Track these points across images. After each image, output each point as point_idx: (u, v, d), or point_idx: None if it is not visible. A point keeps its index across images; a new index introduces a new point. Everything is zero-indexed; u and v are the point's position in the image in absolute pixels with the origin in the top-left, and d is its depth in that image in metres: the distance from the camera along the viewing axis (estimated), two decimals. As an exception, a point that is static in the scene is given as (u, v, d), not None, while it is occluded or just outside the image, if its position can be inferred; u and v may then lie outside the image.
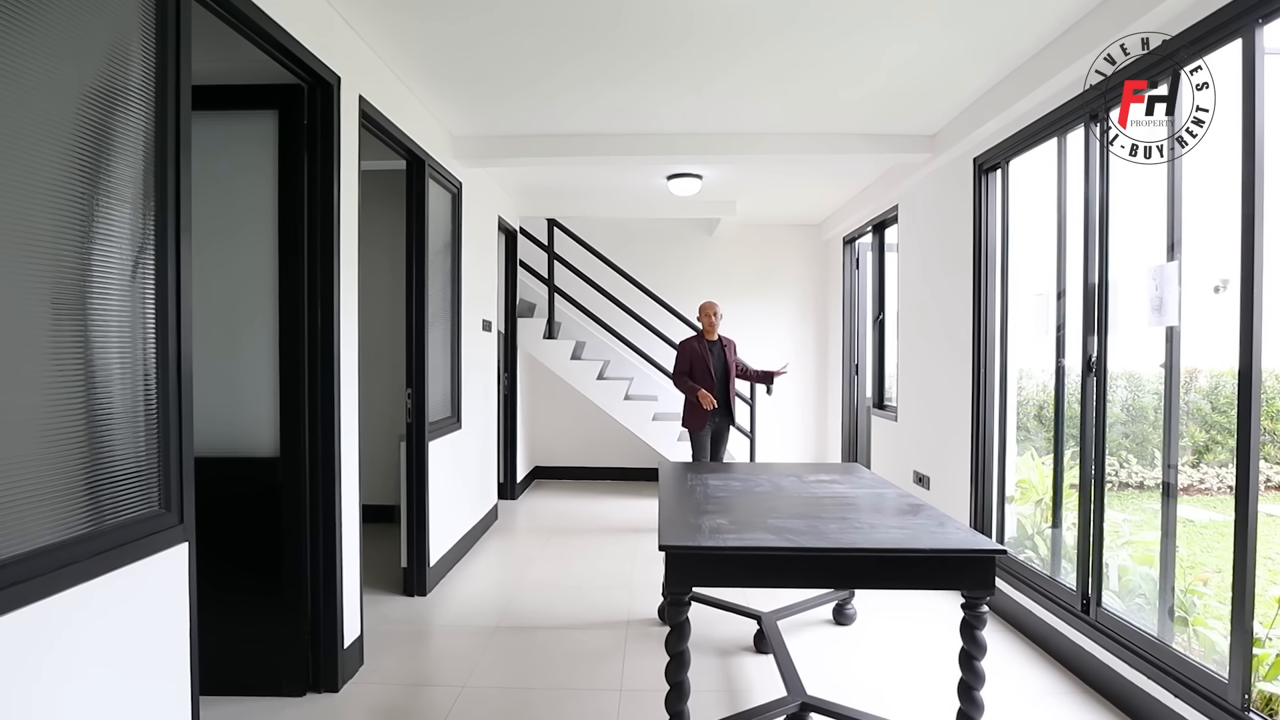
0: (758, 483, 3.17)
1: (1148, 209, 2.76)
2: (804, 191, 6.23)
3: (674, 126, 4.37)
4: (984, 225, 3.98)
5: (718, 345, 5.20)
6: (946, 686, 2.82)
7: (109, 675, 1.69)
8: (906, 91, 3.73)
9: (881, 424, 5.88)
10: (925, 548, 2.14)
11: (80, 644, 1.60)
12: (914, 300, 5.04)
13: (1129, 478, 4.68)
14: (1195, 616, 2.86)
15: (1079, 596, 3.08)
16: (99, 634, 1.65)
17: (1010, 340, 3.90)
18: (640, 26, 3.03)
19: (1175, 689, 2.46)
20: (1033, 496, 4.06)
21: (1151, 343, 2.76)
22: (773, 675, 3.04)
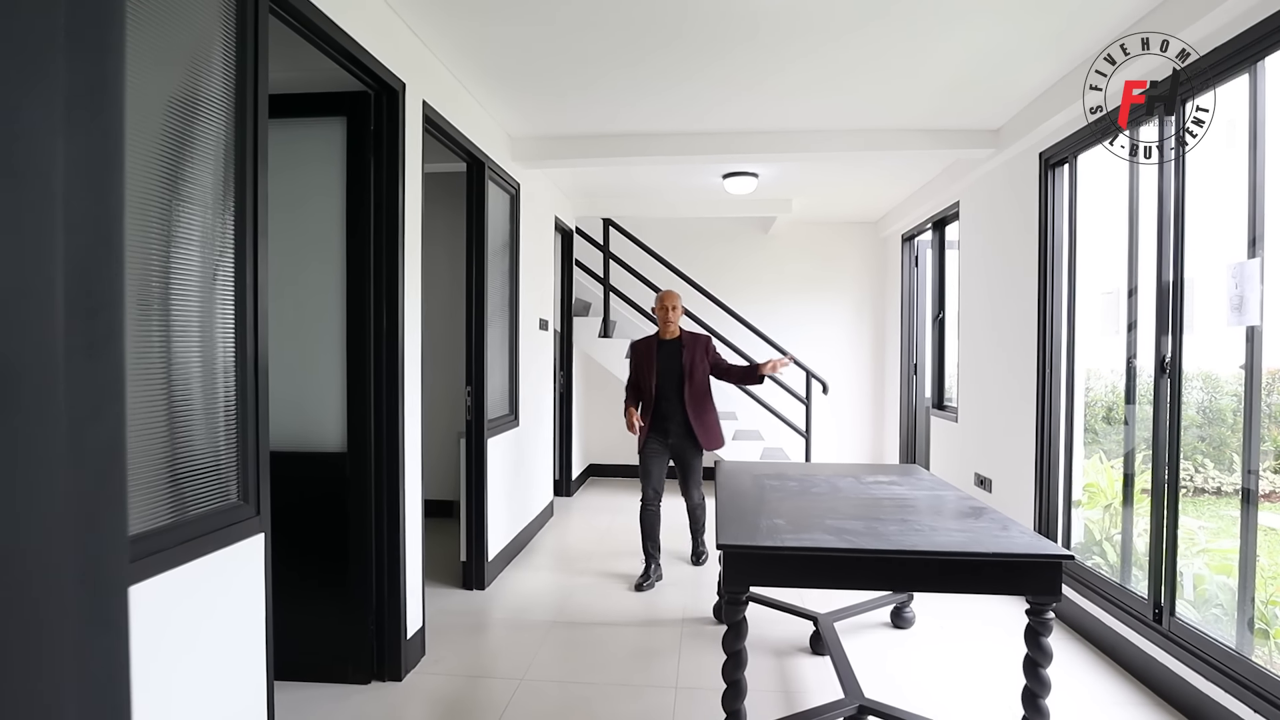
0: (815, 483, 3.15)
1: (1228, 203, 2.66)
2: (862, 189, 6.14)
3: (730, 125, 4.38)
4: (1050, 221, 3.87)
5: (674, 346, 4.22)
6: (1009, 694, 2.77)
7: (191, 659, 1.80)
8: (968, 86, 3.66)
9: (941, 425, 5.76)
10: (988, 551, 2.11)
11: (167, 629, 1.71)
12: (976, 298, 4.93)
13: (1205, 483, 4.47)
14: (1277, 629, 2.73)
15: (1150, 605, 2.98)
16: (182, 619, 1.76)
17: (1077, 339, 3.79)
18: (703, 29, 3.06)
19: (1254, 703, 2.37)
20: (1101, 501, 3.93)
21: (1230, 343, 2.66)
22: (829, 677, 3.03)
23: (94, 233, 0.38)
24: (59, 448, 0.36)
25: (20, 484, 0.35)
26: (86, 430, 0.38)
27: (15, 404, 0.34)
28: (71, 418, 0.37)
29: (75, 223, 0.37)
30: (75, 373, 0.37)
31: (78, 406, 0.37)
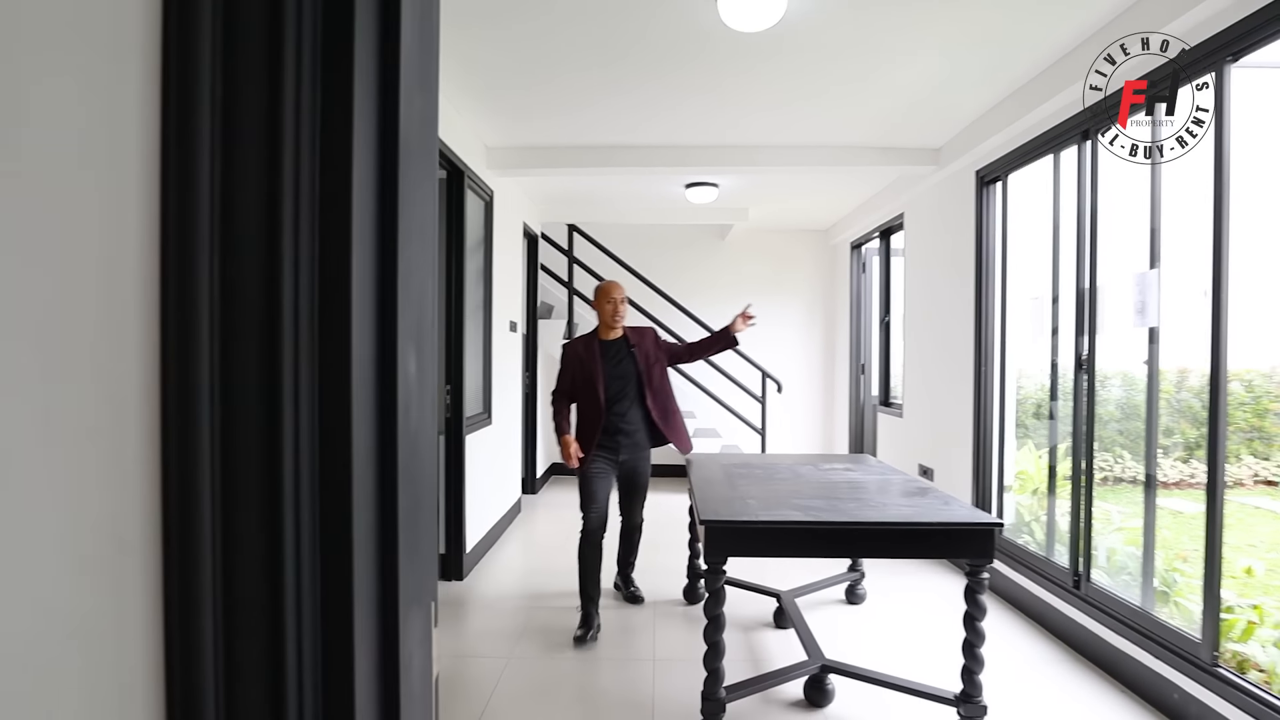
0: (778, 470, 3.46)
1: (1133, 221, 3.06)
2: (814, 199, 6.53)
3: (694, 139, 4.68)
4: (985, 233, 4.28)
5: (620, 345, 3.56)
6: (950, 651, 3.12)
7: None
8: (914, 109, 4.03)
9: (887, 420, 6.18)
10: (933, 521, 2.44)
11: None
12: (920, 303, 5.34)
13: (1123, 473, 4.97)
14: (1176, 590, 3.15)
15: (1070, 574, 3.38)
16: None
17: (1009, 341, 4.20)
18: (674, 56, 3.34)
19: (1156, 651, 2.76)
20: (1030, 486, 4.35)
21: (1135, 342, 3.06)
22: (792, 646, 3.33)
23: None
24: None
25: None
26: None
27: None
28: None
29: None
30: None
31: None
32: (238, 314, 0.45)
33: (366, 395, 0.47)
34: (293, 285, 0.45)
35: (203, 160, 0.46)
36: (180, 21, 0.46)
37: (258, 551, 0.45)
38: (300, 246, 0.45)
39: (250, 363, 0.45)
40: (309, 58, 0.47)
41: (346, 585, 0.46)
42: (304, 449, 0.45)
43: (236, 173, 0.46)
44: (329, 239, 0.46)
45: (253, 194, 0.46)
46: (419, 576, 0.53)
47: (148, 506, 0.47)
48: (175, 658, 0.45)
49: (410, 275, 0.51)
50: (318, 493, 0.46)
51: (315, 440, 0.46)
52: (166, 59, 0.46)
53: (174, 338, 0.45)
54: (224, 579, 0.45)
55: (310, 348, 0.45)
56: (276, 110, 0.45)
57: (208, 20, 0.47)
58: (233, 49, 0.47)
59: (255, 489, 0.45)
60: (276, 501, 0.45)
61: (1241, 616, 2.82)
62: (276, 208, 0.45)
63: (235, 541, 0.46)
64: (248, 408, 0.45)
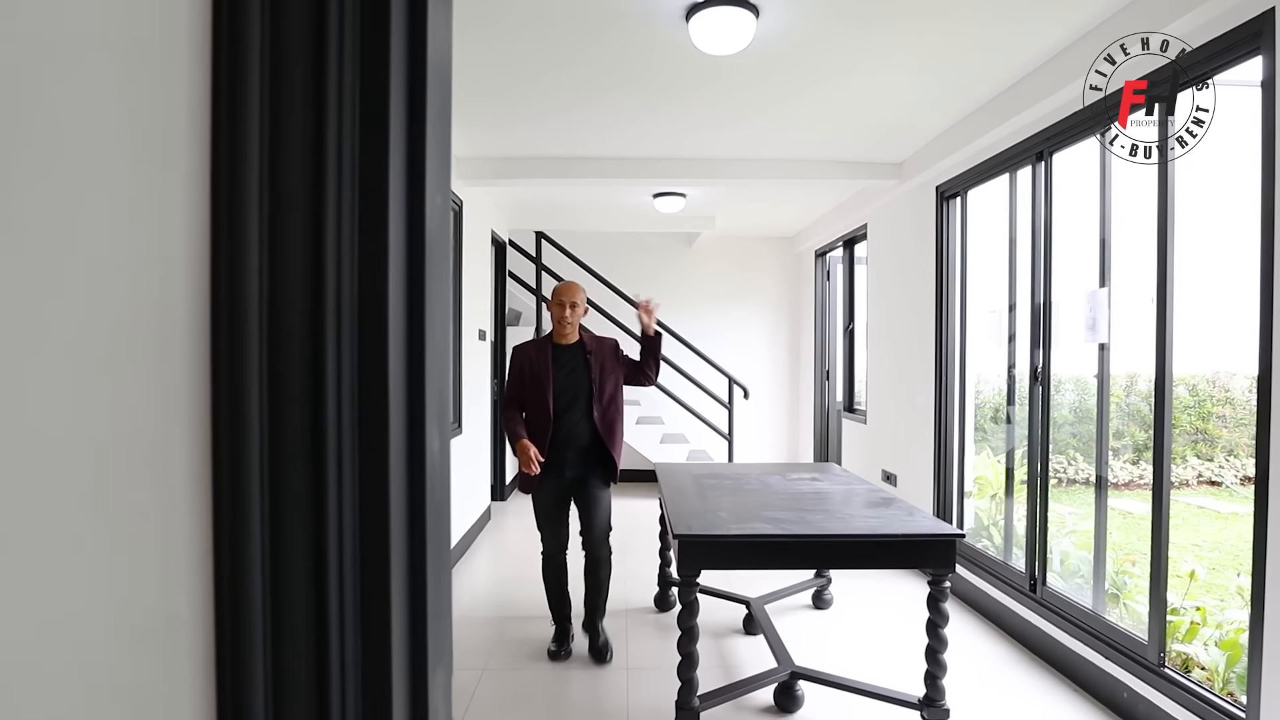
0: (747, 480, 3.54)
1: (1084, 241, 3.21)
2: (779, 208, 6.65)
3: (662, 152, 4.74)
4: (945, 246, 4.42)
5: (576, 352, 3.30)
6: (914, 655, 3.22)
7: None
8: (877, 127, 4.15)
9: (852, 426, 6.32)
10: (898, 533, 2.53)
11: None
12: (882, 312, 5.48)
13: (1076, 474, 5.17)
14: (1125, 592, 3.30)
15: (1027, 578, 3.52)
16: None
17: (969, 350, 4.35)
18: (646, 73, 3.39)
19: (1106, 652, 2.89)
20: (988, 491, 4.50)
21: (1089, 354, 3.21)
22: (761, 653, 3.41)
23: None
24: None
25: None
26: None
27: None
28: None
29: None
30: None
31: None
32: (284, 409, 0.49)
33: (400, 478, 0.52)
34: (335, 384, 0.49)
35: (251, 280, 0.50)
36: (230, 130, 0.50)
37: (307, 622, 0.49)
38: (342, 346, 0.50)
39: (298, 456, 0.49)
40: (349, 168, 0.52)
41: (385, 654, 0.50)
42: (347, 527, 0.49)
43: (281, 282, 0.50)
44: (367, 338, 0.51)
45: (298, 316, 0.50)
46: (441, 638, 0.57)
47: (199, 583, 0.50)
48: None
49: (434, 363, 0.56)
50: (359, 568, 0.50)
51: (356, 520, 0.50)
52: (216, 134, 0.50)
53: (226, 427, 0.49)
54: (273, 649, 0.49)
55: (351, 440, 0.49)
56: (320, 234, 0.49)
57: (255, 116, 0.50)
58: (277, 146, 0.51)
59: (303, 567, 0.49)
60: (322, 579, 0.49)
61: (1185, 618, 2.97)
62: (320, 321, 0.49)
63: (283, 613, 0.49)
64: (295, 494, 0.49)
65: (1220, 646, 2.83)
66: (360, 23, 0.54)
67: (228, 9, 0.51)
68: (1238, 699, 2.44)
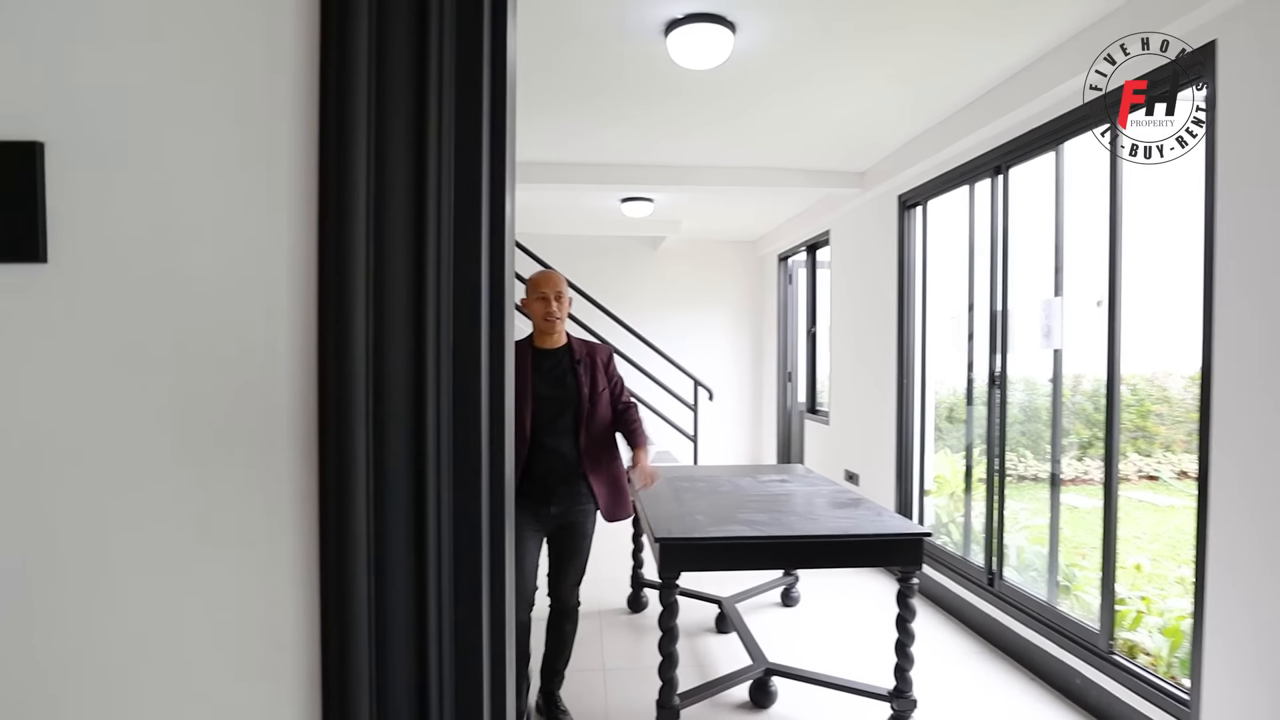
0: (720, 483, 3.63)
1: (1040, 253, 3.38)
2: (744, 213, 6.77)
3: (633, 158, 4.81)
4: (906, 253, 4.58)
5: (562, 358, 2.74)
6: (880, 648, 3.35)
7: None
8: (841, 138, 4.28)
9: (814, 427, 6.47)
10: (868, 533, 2.65)
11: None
12: (845, 316, 5.64)
13: (1025, 471, 5.40)
14: (1075, 584, 3.49)
15: (985, 573, 3.68)
16: None
17: (929, 354, 4.51)
18: (620, 84, 3.45)
19: (1060, 641, 3.06)
20: (947, 489, 4.68)
21: (1044, 358, 3.38)
22: (734, 650, 3.50)
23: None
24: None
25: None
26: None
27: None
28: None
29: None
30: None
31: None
32: (388, 450, 0.54)
33: (485, 488, 0.58)
34: (435, 388, 0.55)
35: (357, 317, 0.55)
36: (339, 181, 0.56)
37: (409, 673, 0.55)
38: (441, 360, 0.55)
39: (400, 496, 0.54)
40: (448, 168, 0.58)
41: (477, 669, 0.56)
42: (445, 559, 0.55)
43: (386, 337, 0.55)
44: (462, 356, 0.57)
45: (401, 318, 0.56)
46: (509, 652, 0.64)
47: (304, 611, 0.55)
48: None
49: (505, 373, 0.63)
50: (455, 580, 0.56)
51: (452, 533, 0.56)
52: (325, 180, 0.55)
53: (333, 460, 0.54)
54: (378, 682, 0.54)
55: (450, 488, 0.55)
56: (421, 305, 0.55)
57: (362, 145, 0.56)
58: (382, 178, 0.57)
59: (405, 633, 0.55)
60: (423, 626, 0.55)
61: (1131, 607, 3.16)
62: (421, 371, 0.55)
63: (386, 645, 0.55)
64: (397, 546, 0.54)
65: (1164, 633, 3.02)
66: (457, 27, 0.60)
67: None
68: (1180, 681, 2.62)
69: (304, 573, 0.55)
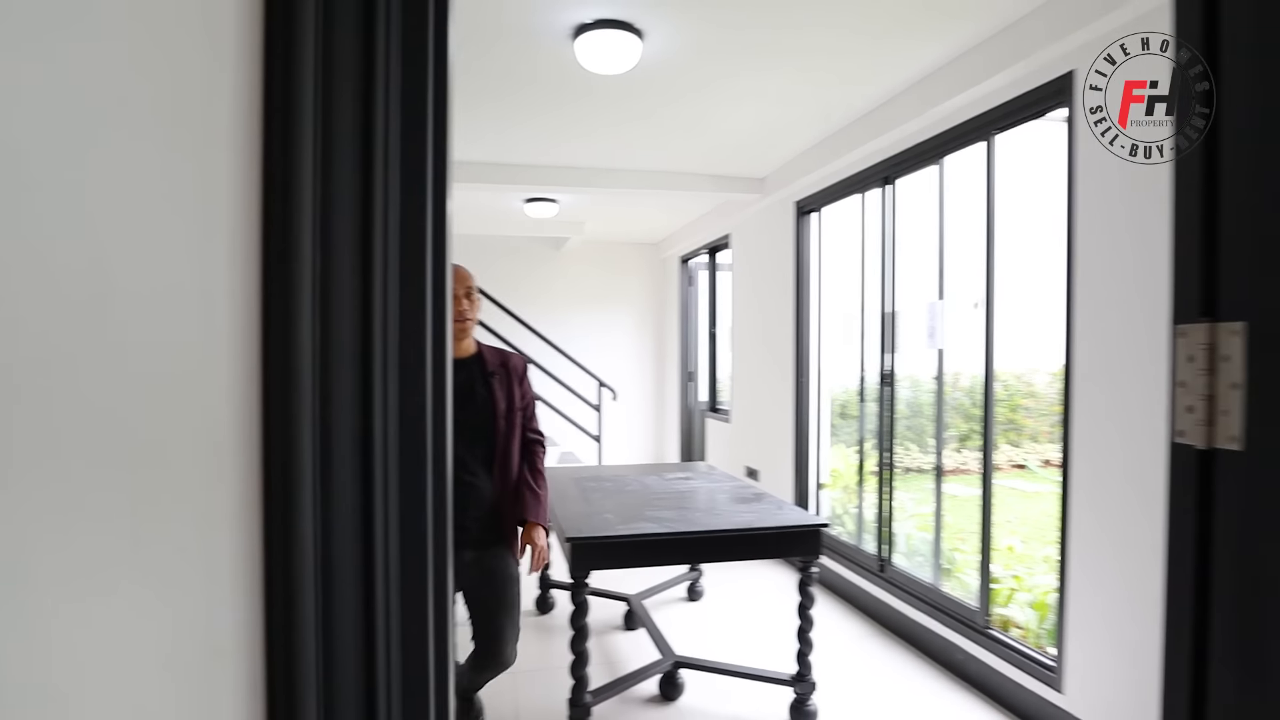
0: (627, 482, 3.67)
1: (925, 258, 3.61)
2: (647, 215, 6.86)
3: (539, 159, 4.80)
4: (803, 257, 4.78)
5: (474, 369, 2.32)
6: (782, 636, 3.49)
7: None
8: (743, 144, 4.43)
9: (715, 425, 6.64)
10: (771, 525, 2.76)
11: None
12: (745, 317, 5.82)
13: (912, 463, 5.75)
14: (957, 567, 3.76)
15: (876, 559, 3.90)
16: None
17: (824, 353, 4.74)
18: (527, 86, 3.44)
19: (944, 620, 3.29)
20: (841, 483, 4.93)
21: (928, 357, 3.62)
22: (643, 646, 3.56)
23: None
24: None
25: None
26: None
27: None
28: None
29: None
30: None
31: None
32: (334, 455, 0.54)
33: (430, 487, 0.59)
34: (382, 389, 0.55)
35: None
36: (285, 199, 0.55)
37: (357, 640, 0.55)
38: (389, 359, 0.56)
39: (348, 497, 0.54)
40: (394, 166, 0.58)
41: (424, 670, 0.57)
42: (392, 560, 0.55)
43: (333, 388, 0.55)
44: (407, 359, 0.57)
45: (348, 322, 0.56)
46: (449, 655, 0.64)
47: (244, 619, 0.54)
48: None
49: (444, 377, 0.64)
50: (401, 587, 0.56)
51: (399, 539, 0.56)
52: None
53: (278, 465, 0.54)
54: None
55: (395, 447, 0.56)
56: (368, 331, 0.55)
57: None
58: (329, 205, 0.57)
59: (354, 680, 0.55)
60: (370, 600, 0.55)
61: (1005, 585, 3.43)
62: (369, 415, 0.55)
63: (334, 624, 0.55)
64: (345, 548, 0.54)
65: (1033, 608, 3.30)
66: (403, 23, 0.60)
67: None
68: (1047, 650, 2.87)
69: (245, 580, 0.54)
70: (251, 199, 0.56)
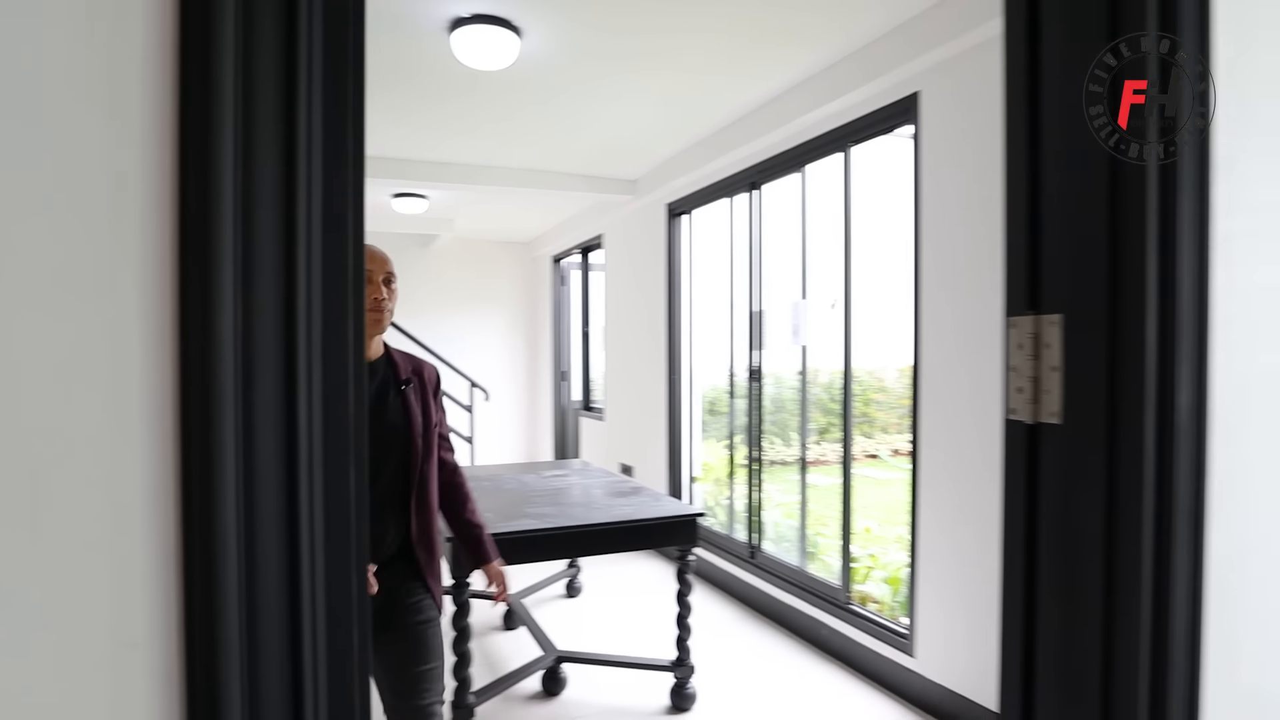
0: (504, 480, 3.65)
1: (790, 259, 3.84)
2: (519, 214, 6.82)
3: (412, 154, 4.66)
4: (674, 258, 4.93)
5: (385, 375, 1.90)
6: (658, 625, 3.59)
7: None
8: (617, 147, 4.51)
9: (590, 423, 6.70)
10: (650, 517, 2.85)
11: None
12: (618, 316, 5.91)
13: (778, 456, 6.05)
14: (820, 550, 4.02)
15: (747, 547, 4.10)
16: None
17: (695, 351, 4.91)
18: (396, 75, 3.34)
19: (811, 600, 3.51)
20: (713, 475, 5.12)
21: (793, 354, 3.85)
22: (524, 645, 3.55)
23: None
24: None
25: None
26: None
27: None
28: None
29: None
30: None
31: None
32: (258, 443, 0.54)
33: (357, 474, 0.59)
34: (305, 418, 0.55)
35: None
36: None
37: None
38: (312, 345, 0.56)
39: (271, 483, 0.54)
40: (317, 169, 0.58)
41: (349, 652, 0.58)
42: (318, 543, 0.56)
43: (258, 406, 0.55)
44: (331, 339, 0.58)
45: (270, 295, 0.56)
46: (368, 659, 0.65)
47: (158, 608, 0.53)
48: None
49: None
50: (327, 567, 0.57)
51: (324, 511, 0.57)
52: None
53: (197, 454, 0.53)
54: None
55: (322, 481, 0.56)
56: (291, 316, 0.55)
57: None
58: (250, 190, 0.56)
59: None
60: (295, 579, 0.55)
61: (863, 564, 3.71)
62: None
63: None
64: (268, 529, 0.54)
65: (887, 583, 3.59)
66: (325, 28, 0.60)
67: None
68: (900, 620, 3.14)
69: (159, 569, 0.53)
70: (165, 182, 0.54)
